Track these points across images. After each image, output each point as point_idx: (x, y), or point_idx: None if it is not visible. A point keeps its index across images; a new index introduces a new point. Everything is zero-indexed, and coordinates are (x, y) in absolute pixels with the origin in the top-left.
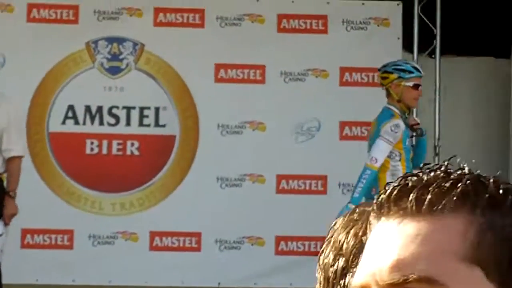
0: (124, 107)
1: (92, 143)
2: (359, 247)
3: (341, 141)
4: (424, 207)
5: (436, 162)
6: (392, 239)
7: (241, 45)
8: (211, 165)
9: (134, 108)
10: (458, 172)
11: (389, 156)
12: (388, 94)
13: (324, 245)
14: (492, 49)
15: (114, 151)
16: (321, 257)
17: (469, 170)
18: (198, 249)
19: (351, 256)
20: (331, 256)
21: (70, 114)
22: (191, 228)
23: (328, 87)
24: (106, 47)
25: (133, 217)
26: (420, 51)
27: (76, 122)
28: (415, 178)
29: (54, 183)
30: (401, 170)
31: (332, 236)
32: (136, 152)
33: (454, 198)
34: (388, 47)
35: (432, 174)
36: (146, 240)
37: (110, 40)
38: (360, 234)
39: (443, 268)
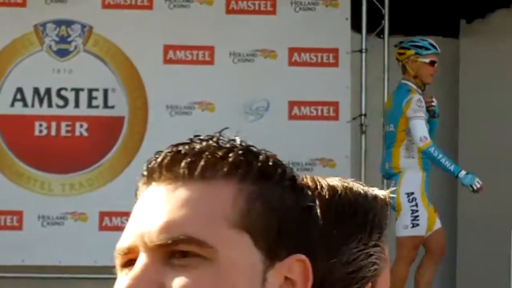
0: (72, 89)
1: (41, 125)
2: None
3: (290, 121)
4: (196, 173)
5: (383, 142)
6: (163, 202)
7: (190, 27)
8: (160, 146)
9: (82, 90)
10: (230, 143)
11: (405, 131)
12: (404, 70)
13: None
14: (440, 29)
15: (63, 132)
16: None
17: (240, 141)
18: None
19: None
20: None
21: (18, 97)
22: None
23: (277, 68)
24: (54, 29)
25: (83, 198)
26: (369, 31)
27: (25, 105)
28: (187, 146)
29: (3, 165)
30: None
31: None
32: (85, 133)
33: (226, 166)
34: (336, 28)
35: (204, 143)
36: (95, 220)
37: (58, 22)
38: None
39: (212, 232)
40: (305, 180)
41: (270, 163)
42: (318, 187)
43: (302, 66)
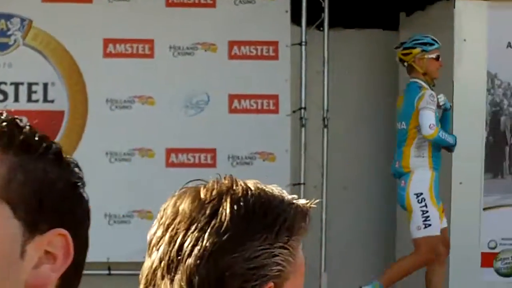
0: (12, 83)
1: None
2: (173, 214)
3: (230, 114)
4: None
5: (325, 134)
6: None
7: (129, 20)
8: (100, 140)
9: (22, 84)
10: None
11: (416, 129)
12: (411, 69)
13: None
14: (380, 21)
15: None
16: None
17: (7, 115)
18: None
19: (168, 220)
20: (155, 226)
21: None
22: None
23: (217, 61)
24: None
25: None
26: (309, 24)
27: None
28: None
29: None
30: (427, 143)
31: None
32: None
33: None
34: (276, 20)
35: None
36: None
37: None
38: (178, 204)
39: None
40: (223, 180)
41: (36, 137)
42: (233, 185)
43: (242, 59)
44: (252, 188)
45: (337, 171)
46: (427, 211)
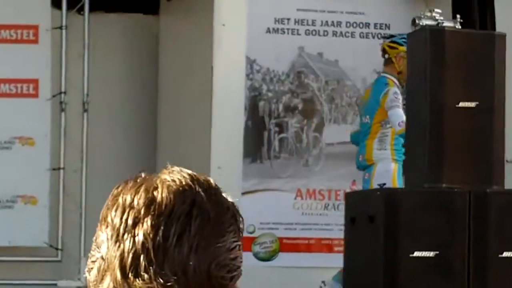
0: None
1: None
2: (149, 200)
3: None
4: None
5: (85, 119)
6: None
7: None
8: None
9: None
10: None
11: (380, 124)
12: (388, 63)
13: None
14: (140, 6)
15: None
16: (109, 216)
17: None
18: None
19: (143, 207)
20: (119, 212)
21: None
22: None
23: None
24: None
25: None
26: (69, 7)
27: None
28: None
29: None
30: (389, 136)
31: (118, 196)
32: None
33: None
34: (36, 4)
35: None
36: None
37: None
38: (151, 190)
39: None
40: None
41: None
42: (194, 176)
43: (2, 43)
44: (210, 181)
45: (97, 156)
46: None
